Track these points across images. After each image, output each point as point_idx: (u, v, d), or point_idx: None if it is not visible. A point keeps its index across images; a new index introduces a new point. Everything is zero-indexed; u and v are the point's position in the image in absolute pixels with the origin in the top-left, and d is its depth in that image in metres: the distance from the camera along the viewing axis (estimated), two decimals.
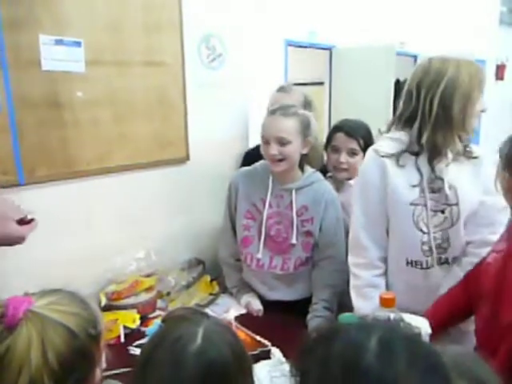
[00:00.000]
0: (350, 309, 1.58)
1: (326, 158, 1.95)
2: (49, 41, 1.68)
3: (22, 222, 1.18)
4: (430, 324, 1.18)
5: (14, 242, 1.16)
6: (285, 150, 1.66)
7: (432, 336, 1.10)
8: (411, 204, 1.42)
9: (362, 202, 1.50)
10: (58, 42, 1.70)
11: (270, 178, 1.75)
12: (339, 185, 1.91)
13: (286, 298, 1.82)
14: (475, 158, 1.43)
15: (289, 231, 1.74)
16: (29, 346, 0.73)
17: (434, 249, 1.42)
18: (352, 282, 1.55)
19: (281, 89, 2.07)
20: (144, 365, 0.79)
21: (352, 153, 1.84)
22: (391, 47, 3.63)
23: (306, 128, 1.69)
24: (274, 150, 1.65)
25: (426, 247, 1.43)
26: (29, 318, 0.76)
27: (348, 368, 0.59)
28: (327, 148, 1.92)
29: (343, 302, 1.75)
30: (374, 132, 1.86)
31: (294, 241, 1.73)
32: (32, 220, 1.20)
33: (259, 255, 1.77)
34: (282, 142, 1.65)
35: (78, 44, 1.75)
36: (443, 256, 1.44)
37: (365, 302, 1.47)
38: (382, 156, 1.44)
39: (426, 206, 1.41)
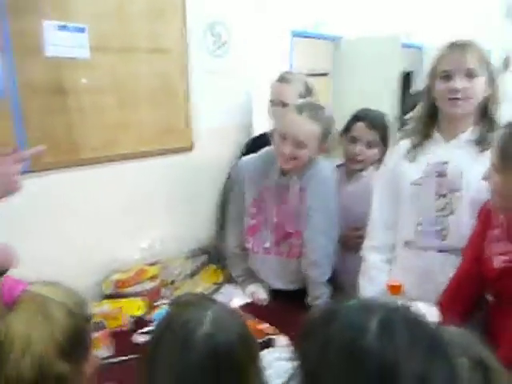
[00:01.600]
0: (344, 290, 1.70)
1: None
2: (52, 27, 1.66)
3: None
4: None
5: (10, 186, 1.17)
6: (298, 153, 1.60)
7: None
8: (412, 184, 1.46)
9: (379, 188, 1.58)
10: (62, 28, 1.69)
11: (274, 167, 1.71)
12: (351, 174, 1.88)
13: (292, 287, 1.81)
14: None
15: (292, 219, 1.72)
16: (32, 321, 0.74)
17: (429, 230, 1.44)
18: (361, 265, 1.59)
19: (281, 79, 2.02)
20: (153, 348, 0.78)
21: (370, 145, 1.79)
22: (397, 38, 3.60)
23: (325, 135, 1.64)
24: (288, 149, 1.59)
25: (419, 228, 1.45)
26: (27, 297, 0.76)
27: (348, 350, 0.58)
28: (345, 136, 1.86)
29: (337, 283, 1.79)
30: None
31: (290, 229, 1.71)
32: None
33: (267, 244, 1.75)
34: (299, 145, 1.60)
35: (82, 30, 1.74)
36: (443, 243, 1.43)
37: (369, 284, 1.50)
38: (401, 139, 1.55)
39: (427, 186, 1.43)
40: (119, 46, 1.86)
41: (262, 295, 1.81)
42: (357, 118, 1.83)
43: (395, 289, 1.11)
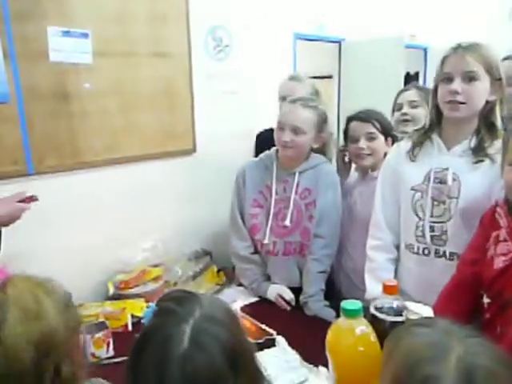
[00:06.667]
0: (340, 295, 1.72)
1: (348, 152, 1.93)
2: (56, 32, 1.70)
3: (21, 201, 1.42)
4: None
5: (15, 217, 1.37)
6: (297, 140, 1.69)
7: None
8: (412, 189, 1.47)
9: (381, 185, 1.59)
10: (66, 34, 1.72)
11: (275, 165, 1.77)
12: (364, 176, 1.87)
13: (292, 285, 1.80)
14: (492, 159, 1.35)
15: (295, 215, 1.75)
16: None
17: (427, 236, 1.43)
18: (367, 264, 1.59)
19: (293, 78, 2.07)
20: (134, 359, 0.74)
21: (370, 137, 1.79)
22: (401, 40, 3.59)
23: (321, 123, 1.74)
24: (287, 137, 1.69)
25: (419, 232, 1.46)
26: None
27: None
28: (346, 141, 1.88)
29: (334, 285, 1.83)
30: None
31: (287, 223, 1.73)
32: (30, 199, 1.42)
33: (266, 241, 1.78)
34: (296, 132, 1.69)
35: (86, 35, 1.77)
36: (441, 248, 1.43)
37: (377, 285, 1.48)
38: (402, 139, 1.55)
39: (426, 193, 1.43)
40: (122, 51, 1.90)
41: (288, 295, 1.76)
42: (349, 119, 1.87)
43: (391, 289, 1.10)
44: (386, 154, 1.76)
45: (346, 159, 1.91)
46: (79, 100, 1.79)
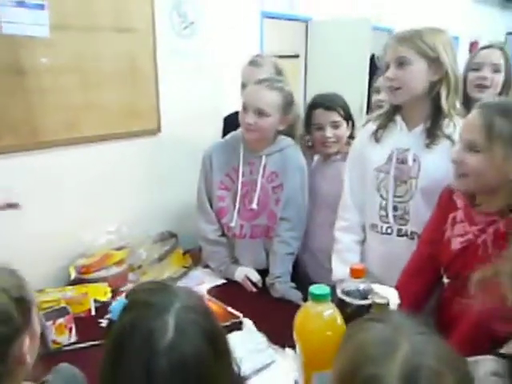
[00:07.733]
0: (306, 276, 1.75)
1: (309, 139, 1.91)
2: (9, 2, 1.59)
3: None
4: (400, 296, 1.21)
5: None
6: (261, 122, 1.66)
7: (401, 306, 1.12)
8: (375, 169, 1.50)
9: (348, 168, 1.61)
10: (20, 4, 1.62)
11: (241, 147, 1.75)
12: (326, 158, 1.88)
13: (259, 267, 1.82)
14: (451, 140, 1.39)
15: (262, 198, 1.74)
16: None
17: (390, 215, 1.48)
18: (334, 246, 1.63)
19: (252, 63, 2.01)
20: (113, 360, 0.73)
21: (336, 125, 1.80)
22: (367, 21, 3.61)
23: (287, 105, 1.70)
24: (251, 119, 1.65)
25: (383, 212, 1.50)
26: None
27: None
28: (309, 129, 1.87)
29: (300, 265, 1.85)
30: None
31: (254, 206, 1.72)
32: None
33: (232, 224, 1.77)
34: (261, 113, 1.65)
35: (41, 6, 1.67)
36: (403, 228, 1.48)
37: (342, 267, 1.51)
38: (367, 122, 1.57)
39: (388, 173, 1.47)
40: (82, 25, 1.80)
41: (255, 277, 1.78)
42: (313, 106, 1.85)
43: (358, 272, 1.12)
44: (351, 137, 1.79)
45: (309, 144, 1.91)
46: (36, 76, 1.69)
